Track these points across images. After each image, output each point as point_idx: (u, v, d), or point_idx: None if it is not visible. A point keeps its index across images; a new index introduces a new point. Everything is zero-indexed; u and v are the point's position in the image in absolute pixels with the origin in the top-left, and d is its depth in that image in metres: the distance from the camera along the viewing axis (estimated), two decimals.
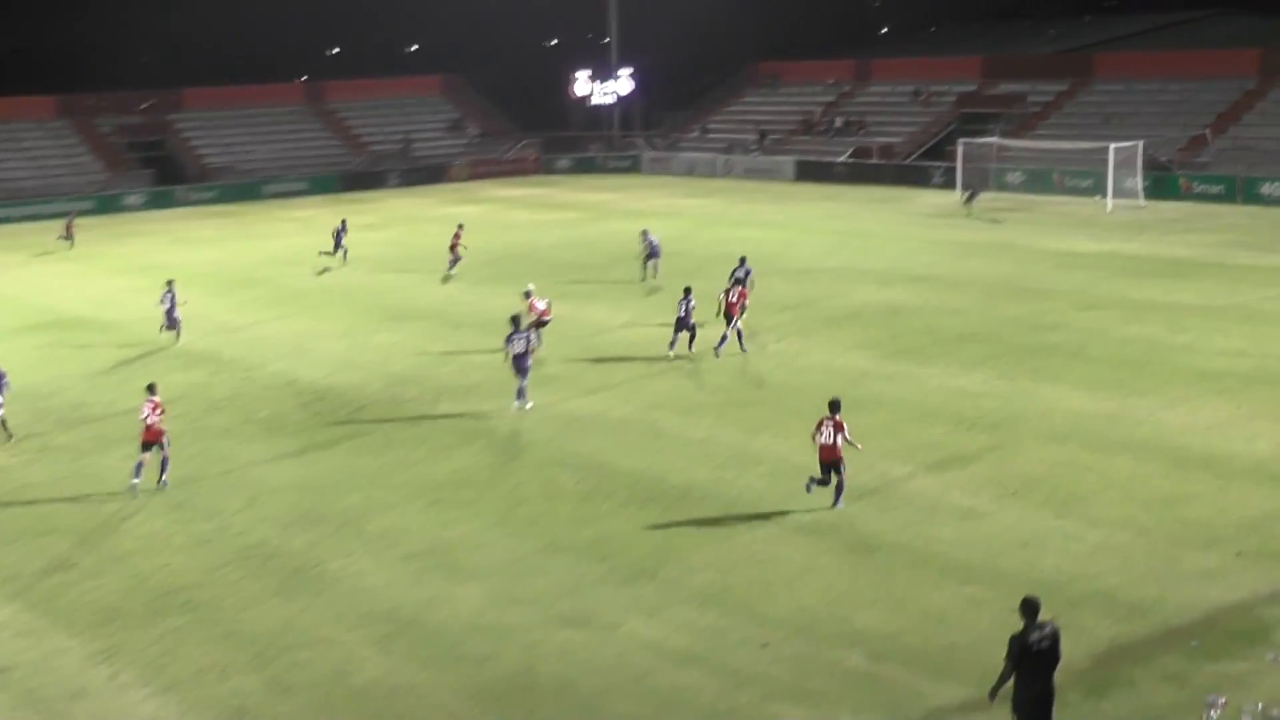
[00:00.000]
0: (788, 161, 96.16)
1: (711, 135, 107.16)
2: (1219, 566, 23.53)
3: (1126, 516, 25.95)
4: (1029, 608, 17.26)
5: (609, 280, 53.97)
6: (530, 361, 35.20)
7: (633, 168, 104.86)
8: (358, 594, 23.75)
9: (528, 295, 42.38)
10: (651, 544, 25.42)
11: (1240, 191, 74.90)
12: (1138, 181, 75.15)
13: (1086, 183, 78.89)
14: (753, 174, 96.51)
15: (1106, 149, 74.44)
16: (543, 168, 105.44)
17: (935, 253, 58.71)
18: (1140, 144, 75.71)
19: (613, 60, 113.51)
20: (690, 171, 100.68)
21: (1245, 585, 22.74)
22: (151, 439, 29.30)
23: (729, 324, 40.43)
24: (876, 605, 22.54)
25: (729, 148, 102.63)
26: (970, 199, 72.78)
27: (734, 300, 40.68)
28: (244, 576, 24.70)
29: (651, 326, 44.64)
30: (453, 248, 57.16)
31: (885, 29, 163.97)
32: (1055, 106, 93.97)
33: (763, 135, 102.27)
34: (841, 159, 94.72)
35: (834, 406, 27.16)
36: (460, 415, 34.76)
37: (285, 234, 72.44)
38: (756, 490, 28.15)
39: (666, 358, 40.04)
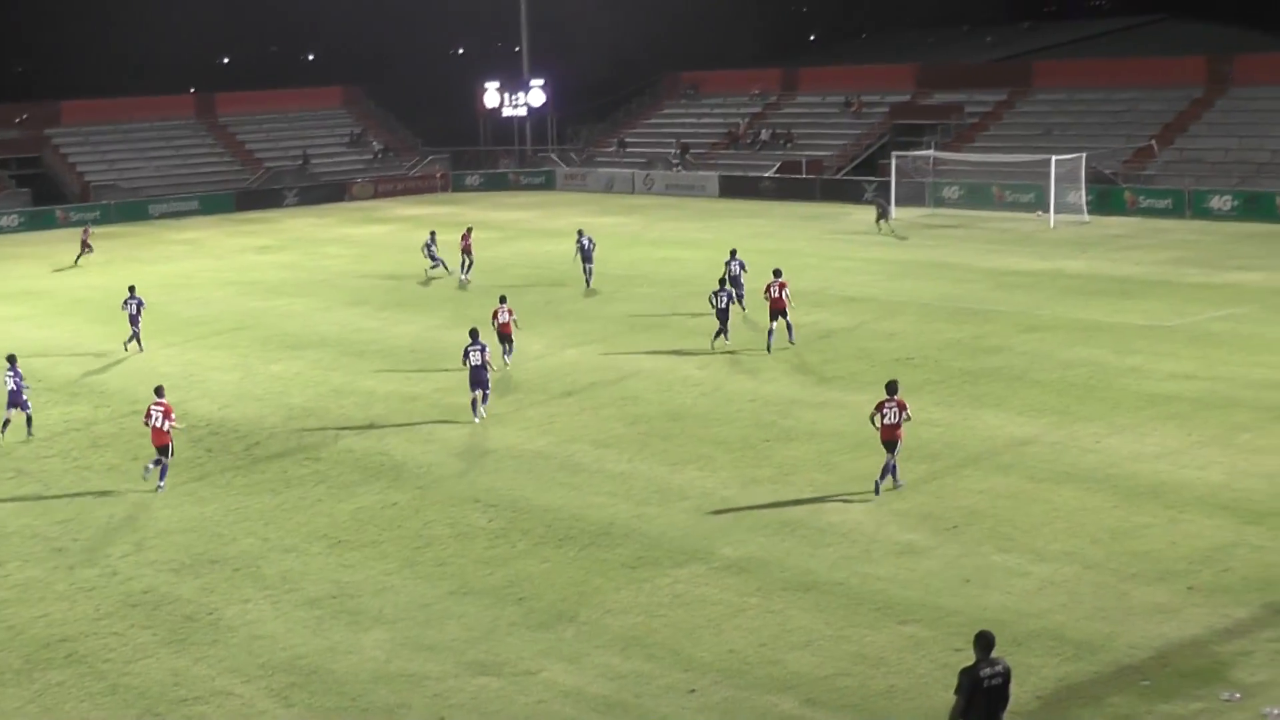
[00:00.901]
0: (711, 177, 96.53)
1: (630, 149, 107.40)
2: (1171, 602, 23.74)
3: (1073, 550, 26.14)
4: (983, 641, 17.34)
5: (522, 305, 53.89)
6: (489, 374, 37.08)
7: (546, 184, 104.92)
8: (255, 642, 23.54)
9: (503, 301, 43.67)
10: (569, 585, 25.36)
11: (1188, 206, 75.83)
12: (1081, 196, 75.90)
13: (1027, 197, 79.63)
14: (674, 190, 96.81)
15: (1048, 162, 75.15)
16: (451, 185, 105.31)
17: (869, 273, 59.05)
18: (1083, 156, 76.49)
19: (524, 70, 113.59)
20: (608, 188, 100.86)
21: (1198, 621, 22.95)
22: (162, 442, 31.62)
23: (784, 318, 44.25)
24: (810, 647, 22.57)
25: (649, 162, 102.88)
26: (880, 218, 73.14)
27: (778, 295, 44.03)
28: (131, 626, 24.42)
29: (567, 353, 44.64)
30: (466, 250, 59.52)
31: (813, 36, 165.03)
32: (994, 117, 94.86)
33: (684, 149, 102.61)
34: (768, 174, 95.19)
35: (892, 388, 29.82)
36: (364, 450, 34.59)
37: (174, 257, 71.88)
38: (681, 527, 28.16)
39: (713, 350, 44.22)
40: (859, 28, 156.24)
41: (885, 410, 29.59)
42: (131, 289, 48.35)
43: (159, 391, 32.51)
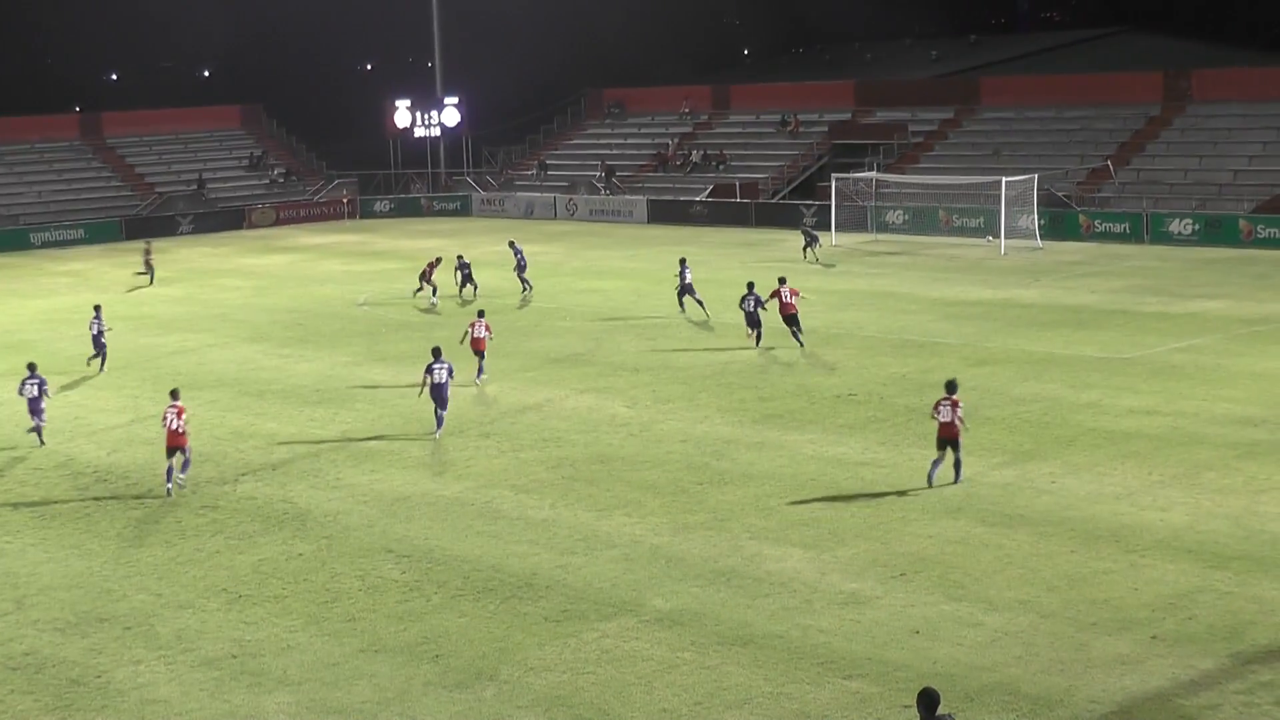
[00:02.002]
0: (639, 201, 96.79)
1: (551, 172, 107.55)
2: (1132, 652, 23.88)
3: (1028, 599, 26.26)
4: (927, 700, 17.39)
5: (435, 340, 53.78)
6: (449, 392, 39.37)
7: (462, 210, 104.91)
8: (147, 707, 23.32)
9: (481, 315, 46.96)
10: (489, 641, 25.27)
11: (1146, 230, 76.63)
12: (1033, 220, 76.54)
13: (976, 222, 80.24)
14: (599, 215, 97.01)
15: (998, 184, 75.73)
16: (359, 211, 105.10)
17: (808, 303, 59.16)
18: (1035, 178, 77.15)
19: (437, 87, 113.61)
20: (528, 213, 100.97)
21: (1162, 673, 23.09)
22: (175, 444, 34.38)
23: (793, 324, 49.42)
24: (748, 706, 22.56)
25: (572, 186, 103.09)
26: (807, 245, 73.48)
27: (789, 300, 49.29)
28: (11, 691, 24.15)
29: (485, 391, 44.56)
30: (426, 275, 61.10)
31: (746, 51, 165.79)
32: (939, 136, 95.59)
33: (609, 172, 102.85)
34: (699, 198, 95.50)
35: (951, 387, 33.30)
36: (265, 498, 34.38)
37: (57, 290, 71.36)
38: (608, 577, 28.12)
39: (751, 349, 49.45)
40: (795, 42, 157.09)
41: (940, 409, 33.02)
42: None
43: (174, 394, 35.58)
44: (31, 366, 40.54)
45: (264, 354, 52.14)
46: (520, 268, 64.50)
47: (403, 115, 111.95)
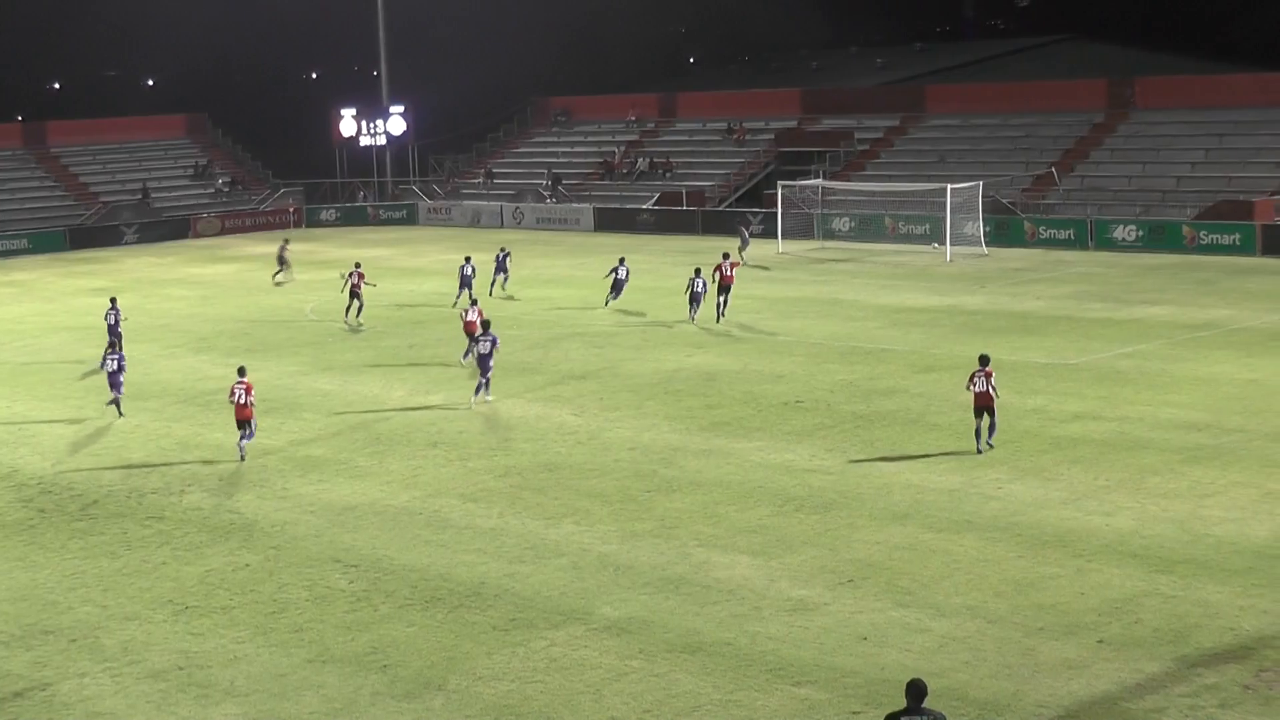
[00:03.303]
0: (585, 209, 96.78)
1: (498, 181, 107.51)
2: (1079, 657, 23.98)
3: (975, 604, 26.35)
4: (915, 690, 17.51)
5: (382, 350, 53.73)
6: (493, 362, 43.24)
7: (408, 219, 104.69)
8: None
9: (474, 303, 51.08)
10: (437, 651, 25.22)
11: (1091, 237, 77.02)
12: (978, 227, 76.85)
13: (922, 229, 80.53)
14: (546, 224, 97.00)
15: (943, 191, 76.08)
16: (304, 220, 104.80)
17: (755, 311, 59.38)
18: (980, 185, 77.49)
19: (383, 96, 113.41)
20: (475, 222, 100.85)
21: (1109, 676, 23.20)
22: (244, 416, 37.71)
23: (725, 293, 56.71)
24: (697, 713, 22.57)
25: (518, 194, 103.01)
26: (741, 249, 73.71)
27: (729, 274, 57.00)
28: None
29: (432, 400, 44.48)
30: (354, 292, 59.50)
31: (692, 59, 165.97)
32: (885, 144, 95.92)
33: (556, 180, 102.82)
34: (646, 206, 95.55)
35: (984, 360, 36.69)
36: (212, 508, 34.23)
37: (1, 300, 70.89)
38: (557, 586, 28.10)
39: (687, 323, 55.86)
40: (741, 51, 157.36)
41: (975, 380, 36.28)
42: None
43: (241, 371, 38.84)
44: (111, 344, 47.07)
45: (210, 364, 51.91)
46: (499, 269, 66.40)
47: (348, 124, 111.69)
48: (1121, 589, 26.81)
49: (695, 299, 56.65)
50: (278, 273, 74.06)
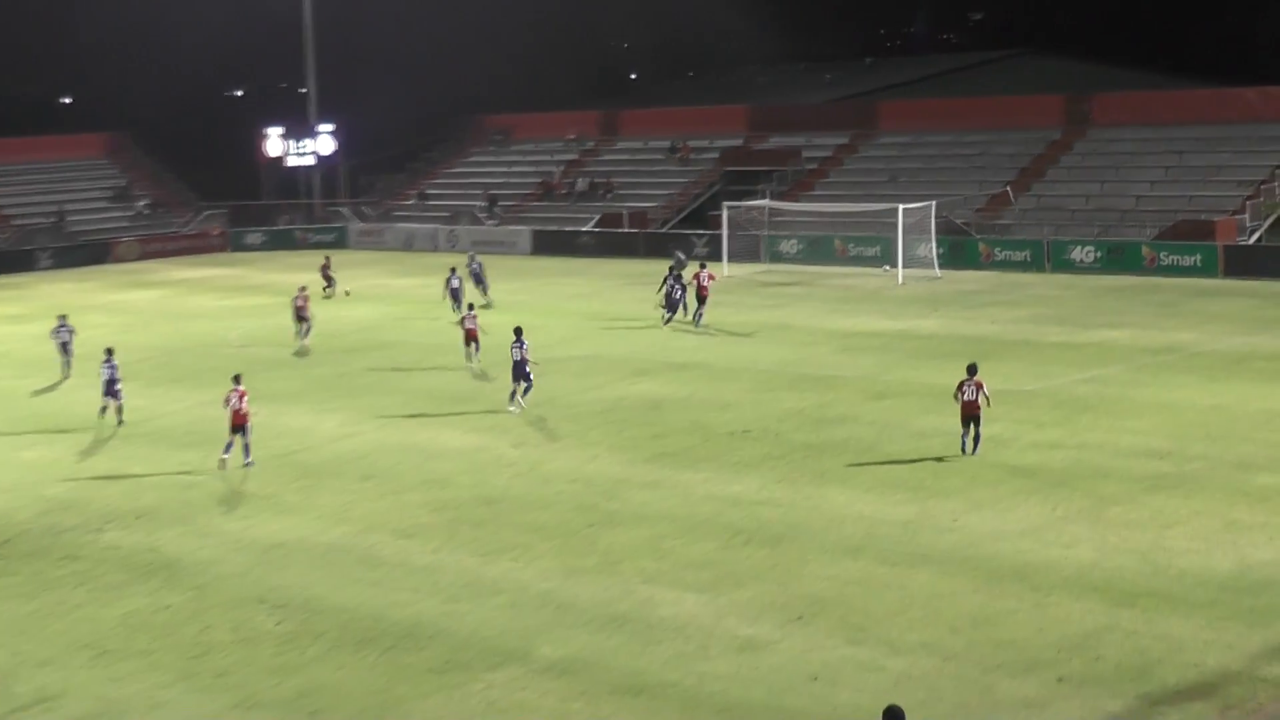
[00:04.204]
0: (523, 231, 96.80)
1: (432, 202, 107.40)
2: (1039, 695, 24.01)
3: (931, 640, 26.36)
4: (892, 716, 17.62)
5: (312, 378, 53.52)
6: (529, 368, 45.96)
7: (338, 242, 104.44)
8: None
9: (470, 308, 54.94)
10: (369, 695, 25.08)
11: (1048, 258, 77.41)
12: (931, 248, 77.13)
13: (873, 251, 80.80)
14: (483, 247, 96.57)
15: (895, 211, 76.27)
16: (230, 244, 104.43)
17: (700, 336, 59.42)
18: (933, 205, 77.77)
19: (311, 114, 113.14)
20: (408, 245, 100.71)
21: (1069, 715, 23.23)
22: (240, 422, 39.74)
23: (702, 303, 60.97)
24: None
25: (453, 216, 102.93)
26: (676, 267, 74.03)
27: (705, 283, 61.33)
28: None
29: (365, 431, 44.34)
30: (300, 314, 60.36)
31: (634, 75, 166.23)
32: (834, 163, 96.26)
33: (493, 201, 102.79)
34: (586, 228, 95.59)
35: (972, 370, 38.79)
36: (132, 547, 33.97)
37: None
38: (495, 625, 27.99)
39: (659, 327, 59.98)
40: (685, 66, 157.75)
41: (964, 389, 38.29)
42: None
43: (237, 379, 40.82)
44: (109, 351, 47.09)
45: (132, 394, 51.46)
46: (478, 280, 69.65)
47: (275, 143, 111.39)
48: (1082, 624, 26.86)
49: (672, 304, 61.40)
50: (330, 288, 76.16)
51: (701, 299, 61.46)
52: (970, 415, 38.42)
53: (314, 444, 43.07)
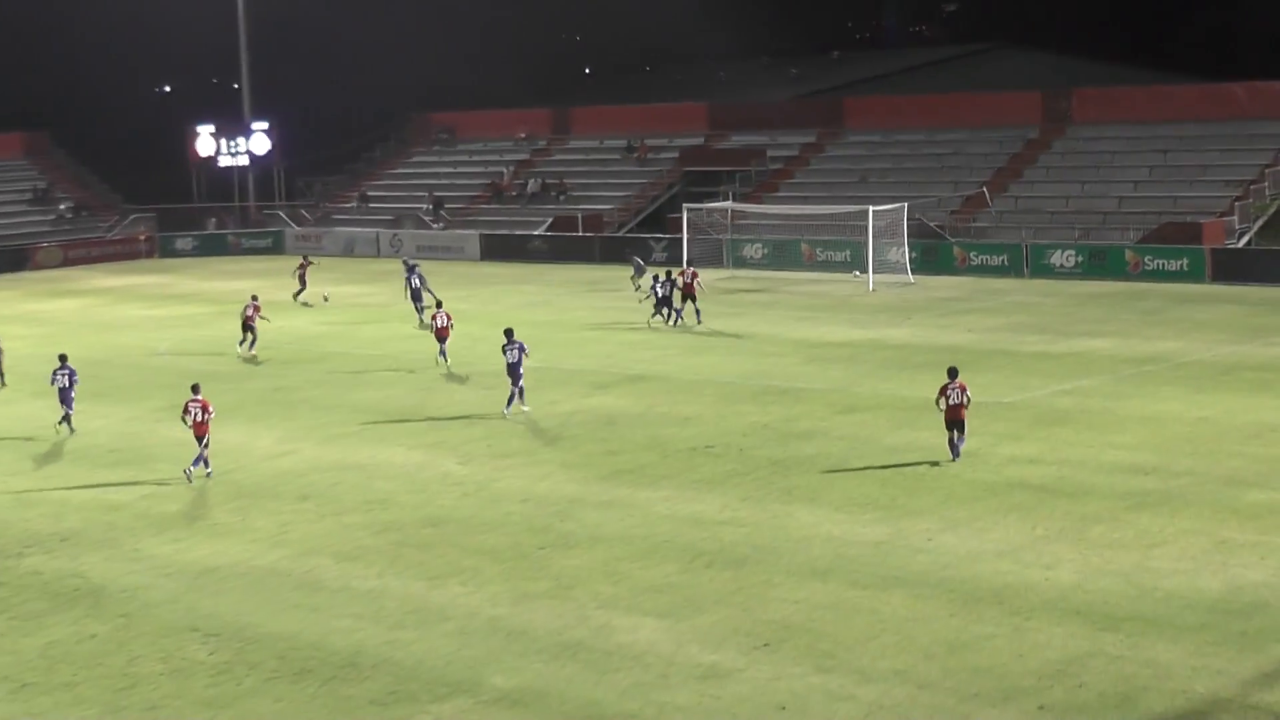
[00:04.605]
0: (471, 236, 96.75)
1: (374, 205, 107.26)
2: None
3: (904, 668, 26.40)
4: None
5: (247, 392, 53.39)
6: (522, 369, 47.34)
7: (274, 247, 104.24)
8: None
9: (439, 305, 56.97)
10: None
11: (1026, 263, 77.68)
12: (904, 253, 77.33)
13: (842, 255, 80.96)
14: (428, 252, 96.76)
15: (865, 214, 76.39)
16: (159, 249, 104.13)
17: (659, 347, 59.47)
18: (904, 207, 77.97)
19: (245, 112, 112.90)
20: (348, 251, 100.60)
21: None
22: (202, 434, 40.51)
23: (694, 300, 64.11)
24: None
25: (396, 220, 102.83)
26: (636, 274, 74.27)
27: (690, 281, 64.34)
28: None
29: (303, 449, 44.24)
30: (248, 324, 60.54)
31: (588, 70, 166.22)
32: (800, 162, 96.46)
33: (438, 204, 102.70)
34: (538, 232, 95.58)
35: (953, 373, 39.82)
36: (54, 572, 33.82)
37: None
38: (442, 653, 27.95)
39: (649, 326, 63.51)
40: (641, 61, 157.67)
41: (949, 393, 39.33)
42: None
43: (195, 389, 41.38)
44: (62, 358, 47.57)
45: (53, 410, 51.30)
46: (416, 290, 68.99)
47: (206, 143, 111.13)
48: (1063, 649, 26.93)
49: (665, 303, 64.21)
50: (299, 293, 76.48)
51: (688, 297, 64.38)
52: (955, 420, 39.52)
53: (249, 462, 42.94)
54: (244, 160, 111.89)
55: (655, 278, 65.52)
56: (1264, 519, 34.07)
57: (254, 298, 62.57)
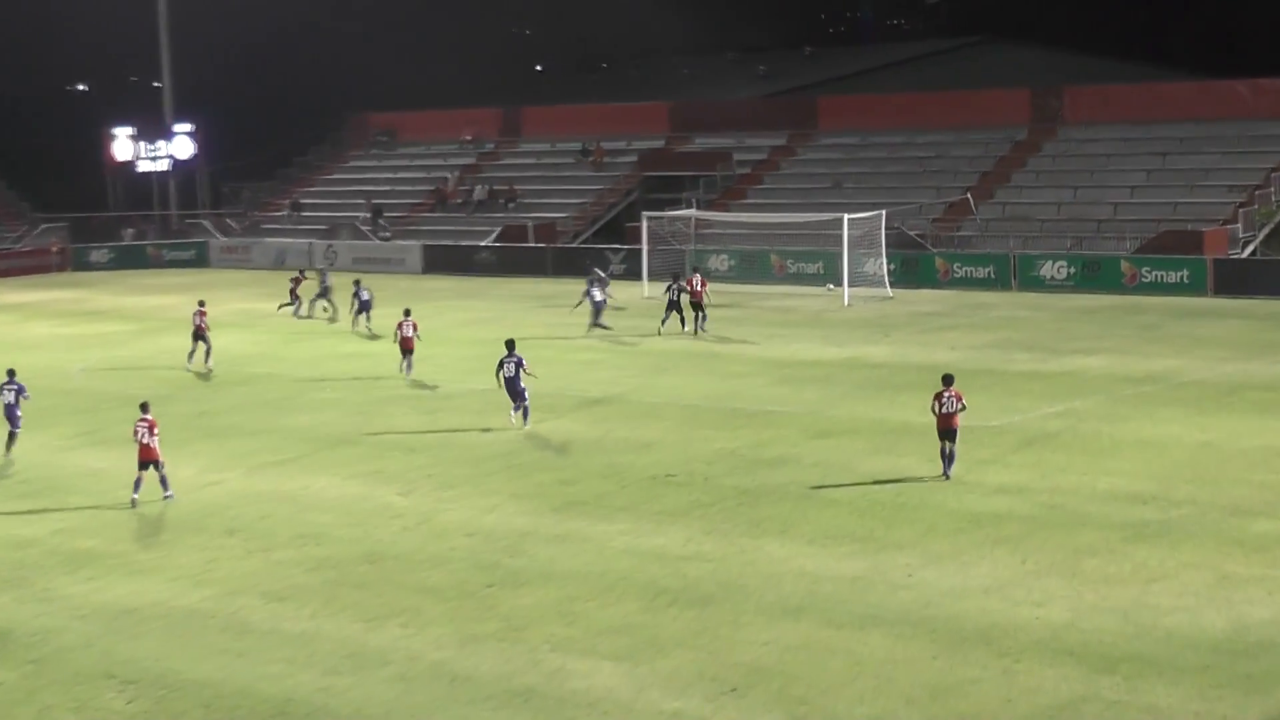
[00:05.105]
0: (413, 247, 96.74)
1: (307, 214, 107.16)
2: None
3: (884, 713, 26.41)
4: None
5: (169, 416, 53.16)
6: (523, 384, 48.82)
7: (198, 260, 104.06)
8: None
9: (407, 314, 58.74)
10: None
11: (1014, 274, 77.91)
12: (882, 264, 77.48)
13: (814, 267, 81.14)
14: (365, 265, 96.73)
15: (839, 222, 76.50)
16: (71, 262, 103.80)
17: (617, 366, 59.45)
18: (882, 215, 78.12)
19: (166, 112, 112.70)
20: (279, 263, 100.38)
21: None
22: (148, 458, 40.83)
23: (697, 310, 67.12)
24: None
25: (332, 230, 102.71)
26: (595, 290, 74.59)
27: (699, 288, 67.17)
28: None
29: (229, 479, 44.12)
30: (200, 334, 61.98)
31: (540, 67, 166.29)
32: (769, 166, 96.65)
33: (377, 212, 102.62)
34: (486, 243, 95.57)
35: (948, 380, 41.01)
36: None
37: None
38: (381, 701, 27.88)
39: (658, 333, 66.68)
40: (597, 57, 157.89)
41: (943, 400, 40.44)
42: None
43: (144, 407, 41.53)
44: (11, 373, 47.86)
45: None
46: (363, 309, 70.98)
47: (124, 146, 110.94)
48: (1056, 694, 26.96)
49: (672, 306, 67.52)
50: (285, 305, 77.60)
51: (696, 305, 67.58)
52: (947, 429, 40.58)
53: (172, 495, 42.80)
54: (165, 165, 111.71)
55: (669, 287, 68.63)
56: (1271, 551, 34.17)
57: (201, 304, 62.78)
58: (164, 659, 30.42)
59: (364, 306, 70.49)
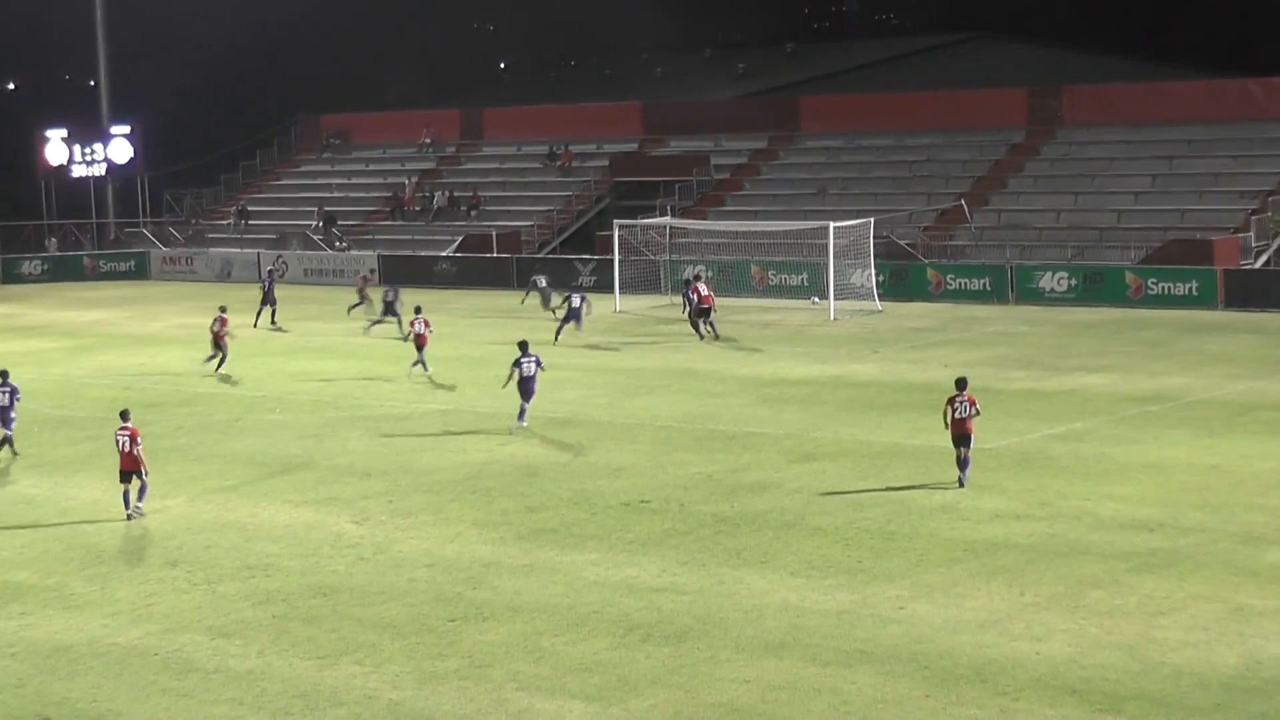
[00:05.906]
0: (368, 258, 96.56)
1: (254, 222, 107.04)
2: None
3: None
4: None
5: (106, 440, 53.07)
6: (536, 385, 51.70)
7: (138, 271, 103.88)
8: None
9: (418, 311, 62.97)
10: None
11: (1011, 287, 77.98)
12: (869, 276, 77.51)
13: (798, 279, 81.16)
14: (317, 277, 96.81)
15: (824, 231, 76.54)
16: (1, 274, 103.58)
17: (588, 386, 59.43)
18: (870, 223, 78.21)
19: (103, 113, 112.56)
20: (224, 275, 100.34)
21: None
22: (130, 467, 42.02)
23: (707, 316, 70.01)
24: None
25: (281, 239, 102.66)
26: (533, 293, 74.86)
27: (706, 294, 70.13)
28: None
29: (172, 507, 44.05)
30: (218, 340, 64.02)
31: (504, 65, 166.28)
32: (749, 171, 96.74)
33: (329, 221, 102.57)
34: (446, 253, 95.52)
35: (961, 384, 42.51)
36: None
37: None
38: None
39: (700, 336, 69.78)
40: (566, 55, 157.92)
41: (956, 405, 41.95)
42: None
43: (124, 415, 42.93)
44: (4, 374, 50.42)
45: None
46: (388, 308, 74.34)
47: (57, 149, 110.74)
48: None
49: (701, 312, 70.47)
50: (355, 305, 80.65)
51: (704, 310, 70.30)
52: (961, 435, 42.21)
53: (107, 522, 42.71)
54: (102, 170, 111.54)
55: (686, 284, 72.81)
56: None
57: (221, 309, 64.00)
58: (101, 700, 30.35)
59: (389, 306, 74.14)
